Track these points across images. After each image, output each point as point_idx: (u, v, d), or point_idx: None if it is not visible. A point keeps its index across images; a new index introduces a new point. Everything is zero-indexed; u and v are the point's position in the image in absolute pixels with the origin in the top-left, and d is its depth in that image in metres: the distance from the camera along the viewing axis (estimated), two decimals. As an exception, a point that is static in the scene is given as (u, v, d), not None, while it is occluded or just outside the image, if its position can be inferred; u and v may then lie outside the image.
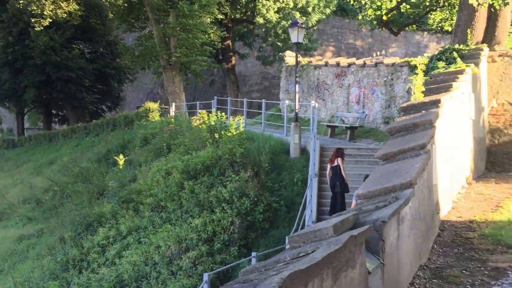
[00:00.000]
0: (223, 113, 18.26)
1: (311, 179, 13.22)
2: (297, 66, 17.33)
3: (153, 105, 26.59)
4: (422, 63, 13.43)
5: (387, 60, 19.90)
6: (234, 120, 17.16)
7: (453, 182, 10.26)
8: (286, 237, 11.56)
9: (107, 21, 34.68)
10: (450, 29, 23.32)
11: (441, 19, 24.10)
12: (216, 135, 16.50)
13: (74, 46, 33.33)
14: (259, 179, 14.40)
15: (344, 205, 12.52)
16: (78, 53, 32.90)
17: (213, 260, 12.37)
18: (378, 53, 38.91)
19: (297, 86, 16.84)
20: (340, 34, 40.84)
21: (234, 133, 16.32)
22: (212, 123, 17.41)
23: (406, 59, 19.05)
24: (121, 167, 19.37)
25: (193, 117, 21.20)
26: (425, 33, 41.42)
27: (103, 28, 35.16)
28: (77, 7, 31.02)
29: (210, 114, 18.56)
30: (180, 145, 18.07)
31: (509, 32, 17.11)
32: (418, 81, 10.58)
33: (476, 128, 12.92)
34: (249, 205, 13.43)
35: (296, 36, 16.11)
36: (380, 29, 28.12)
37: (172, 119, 22.63)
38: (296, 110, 16.53)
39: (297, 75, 17.11)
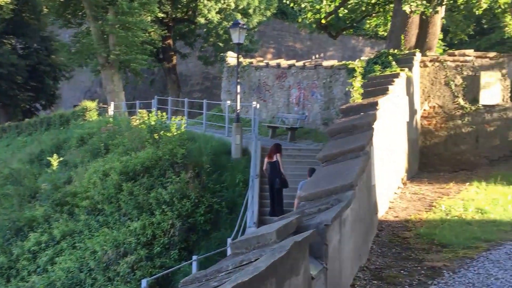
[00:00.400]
0: (164, 113, 17.91)
1: (252, 180, 13.21)
2: (239, 67, 17.30)
3: (91, 104, 25.70)
4: (360, 67, 13.79)
5: (326, 63, 20.43)
6: (175, 120, 16.86)
7: (390, 182, 10.58)
8: (228, 239, 11.51)
9: (42, 16, 33.09)
10: (384, 34, 24.14)
11: (376, 25, 24.85)
12: (156, 136, 16.13)
13: (5, 41, 31.55)
14: (200, 180, 14.23)
15: (281, 201, 12.69)
16: (9, 49, 31.17)
17: (152, 264, 12.07)
18: (317, 55, 39.77)
19: (238, 86, 16.81)
20: (280, 36, 41.33)
21: (175, 133, 16.03)
22: (153, 123, 17.01)
23: (344, 62, 19.59)
24: (55, 168, 18.49)
25: (133, 117, 20.65)
26: (360, 37, 42.79)
27: (37, 23, 33.53)
28: (9, 0, 29.37)
29: (150, 114, 18.14)
30: (118, 145, 17.53)
31: (439, 39, 17.90)
32: (356, 84, 10.84)
33: (410, 130, 13.41)
34: (190, 207, 13.23)
35: (237, 36, 16.09)
36: (319, 33, 28.69)
37: (111, 119, 21.94)
38: (238, 111, 16.49)
39: (238, 75, 17.08)
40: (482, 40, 30.89)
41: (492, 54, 14.91)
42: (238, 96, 16.67)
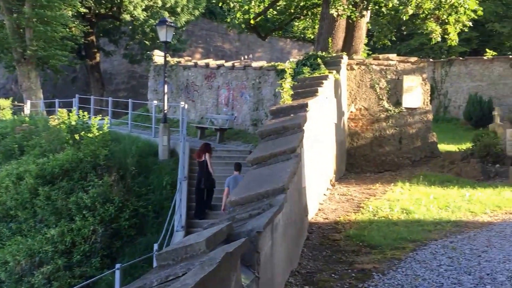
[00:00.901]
0: (86, 113, 16.95)
1: (180, 182, 12.79)
2: (166, 66, 16.77)
3: (5, 102, 24.01)
4: (290, 68, 13.79)
5: (255, 64, 20.41)
6: (96, 119, 16.00)
7: (319, 184, 10.59)
8: (155, 244, 11.01)
9: None
10: (312, 36, 24.54)
11: (304, 27, 25.22)
12: (77, 136, 15.20)
13: None
14: (125, 183, 13.57)
15: (209, 201, 12.45)
16: None
17: (71, 274, 11.31)
18: (246, 56, 39.80)
19: (166, 86, 16.29)
20: (208, 36, 40.95)
21: (97, 133, 15.20)
22: (73, 123, 16.02)
23: (273, 63, 19.62)
24: (-38, 172, 16.94)
25: (51, 116, 19.42)
26: (288, 40, 43.40)
27: None
28: None
29: (70, 113, 17.10)
30: (35, 146, 16.37)
31: (364, 43, 18.38)
32: (286, 85, 10.77)
33: (338, 132, 13.58)
34: (114, 212, 12.57)
35: (164, 34, 15.58)
36: (247, 34, 28.67)
37: (27, 118, 20.49)
38: (165, 111, 15.96)
39: (166, 75, 16.56)
40: (402, 46, 32.38)
41: (413, 59, 15.49)
42: (166, 96, 16.15)
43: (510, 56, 23.84)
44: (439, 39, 16.03)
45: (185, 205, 12.51)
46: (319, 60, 13.66)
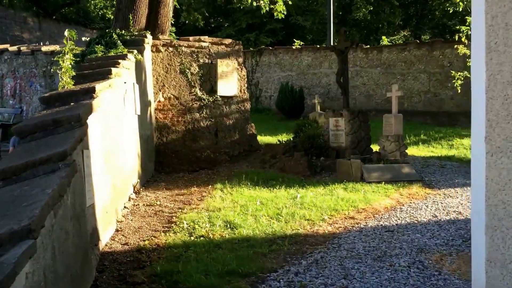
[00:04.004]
0: None
1: None
2: None
3: None
4: (71, 40, 10.77)
5: (46, 48, 17.33)
6: None
7: (117, 195, 7.99)
8: None
9: None
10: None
11: (103, 6, 21.95)
12: None
13: None
14: None
15: None
16: None
17: None
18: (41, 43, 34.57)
19: None
20: (4, 25, 34.99)
21: None
22: None
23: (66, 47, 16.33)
24: None
25: None
26: (95, 31, 39.51)
27: None
28: None
29: None
30: None
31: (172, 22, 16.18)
32: (66, 63, 7.86)
33: (143, 125, 11.11)
34: None
35: None
36: (40, 18, 24.33)
37: None
38: None
39: None
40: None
41: (228, 40, 13.76)
42: None
43: (318, 46, 24.13)
44: (268, 8, 14.84)
45: None
46: (115, 37, 10.94)
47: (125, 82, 9.26)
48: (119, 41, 10.82)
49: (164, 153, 12.78)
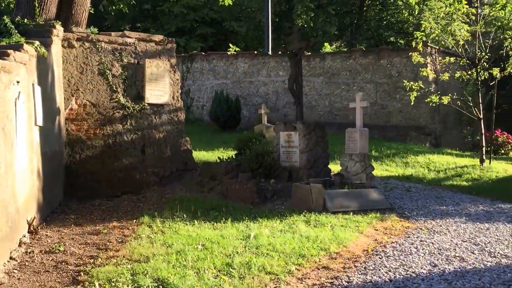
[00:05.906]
0: None
1: None
2: None
3: None
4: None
5: None
6: None
7: (-2, 242, 5.53)
8: None
9: None
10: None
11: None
12: None
13: None
14: None
15: None
16: None
17: None
18: None
19: None
20: None
21: None
22: None
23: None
24: None
25: None
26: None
27: None
28: None
29: None
30: None
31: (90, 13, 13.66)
32: None
33: (48, 139, 8.60)
34: None
35: None
36: None
37: None
38: None
39: None
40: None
41: (158, 37, 11.48)
42: None
43: (255, 52, 22.33)
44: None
45: None
46: (8, 23, 8.39)
47: (18, 82, 6.80)
48: (13, 29, 8.28)
49: (77, 173, 10.26)
